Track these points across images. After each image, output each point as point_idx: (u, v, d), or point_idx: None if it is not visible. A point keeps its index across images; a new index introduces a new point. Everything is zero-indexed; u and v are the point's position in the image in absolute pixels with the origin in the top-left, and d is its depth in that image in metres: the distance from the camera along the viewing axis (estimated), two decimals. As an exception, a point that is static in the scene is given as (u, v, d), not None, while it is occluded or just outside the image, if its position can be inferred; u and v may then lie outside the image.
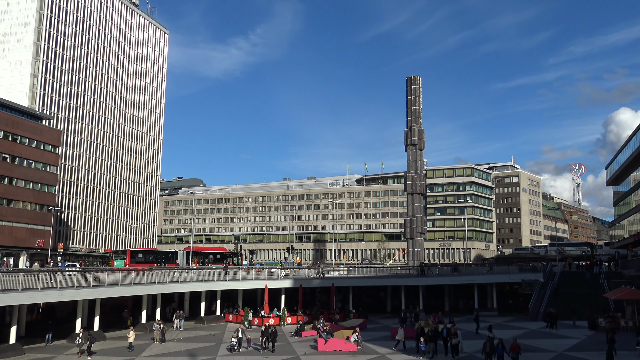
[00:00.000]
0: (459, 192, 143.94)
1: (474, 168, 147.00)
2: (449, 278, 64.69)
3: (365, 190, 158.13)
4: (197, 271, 56.57)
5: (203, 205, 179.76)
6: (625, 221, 77.25)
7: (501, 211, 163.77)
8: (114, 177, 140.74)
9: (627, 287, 47.50)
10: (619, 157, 75.80)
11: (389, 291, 68.13)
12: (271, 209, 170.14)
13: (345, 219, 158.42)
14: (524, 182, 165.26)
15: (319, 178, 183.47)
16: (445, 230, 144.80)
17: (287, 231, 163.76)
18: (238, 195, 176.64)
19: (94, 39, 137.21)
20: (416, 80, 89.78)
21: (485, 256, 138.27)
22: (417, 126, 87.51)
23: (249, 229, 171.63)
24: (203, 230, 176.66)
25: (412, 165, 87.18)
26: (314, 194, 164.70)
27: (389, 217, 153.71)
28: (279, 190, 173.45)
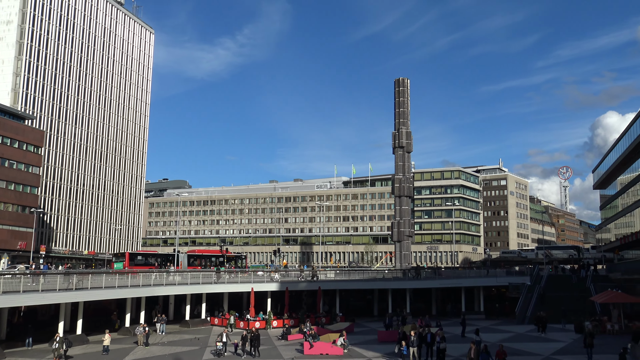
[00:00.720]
0: (447, 195, 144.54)
1: (462, 171, 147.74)
2: (436, 281, 64.90)
3: (353, 193, 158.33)
4: (182, 274, 56.31)
5: (188, 207, 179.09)
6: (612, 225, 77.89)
7: (489, 214, 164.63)
8: (98, 178, 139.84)
9: (613, 291, 47.96)
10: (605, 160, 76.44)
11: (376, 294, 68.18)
12: (257, 211, 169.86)
13: (332, 221, 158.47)
14: (512, 185, 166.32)
15: (306, 180, 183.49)
16: (432, 233, 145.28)
17: (273, 234, 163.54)
18: (224, 197, 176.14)
19: (79, 38, 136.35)
20: (404, 82, 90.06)
21: (473, 259, 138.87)
22: (405, 128, 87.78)
23: (235, 231, 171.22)
24: (188, 233, 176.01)
25: (399, 167, 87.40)
26: (301, 196, 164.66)
27: (376, 219, 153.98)
28: (265, 192, 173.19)
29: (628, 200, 65.55)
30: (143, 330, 41.59)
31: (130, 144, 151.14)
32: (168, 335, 46.68)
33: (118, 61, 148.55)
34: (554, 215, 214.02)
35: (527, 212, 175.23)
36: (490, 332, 45.20)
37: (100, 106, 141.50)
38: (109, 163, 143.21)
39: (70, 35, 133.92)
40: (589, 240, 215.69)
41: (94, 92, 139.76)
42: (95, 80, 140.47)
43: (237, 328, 51.09)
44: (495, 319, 58.74)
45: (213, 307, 58.77)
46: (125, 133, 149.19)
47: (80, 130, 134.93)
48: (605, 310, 49.03)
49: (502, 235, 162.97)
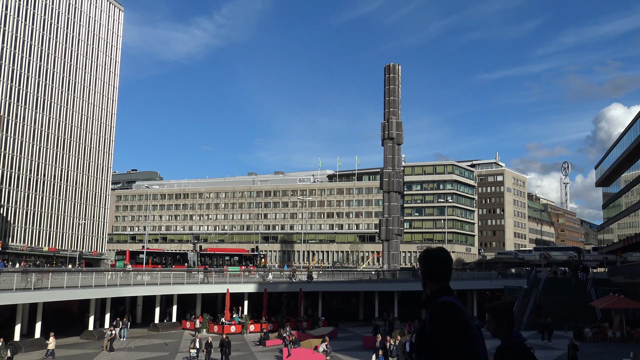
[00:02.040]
0: (439, 190, 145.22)
1: (456, 165, 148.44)
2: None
3: (338, 187, 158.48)
4: (151, 273, 56.13)
5: (159, 200, 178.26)
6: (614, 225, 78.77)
7: (484, 212, 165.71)
8: (61, 168, 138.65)
9: (615, 295, 48.49)
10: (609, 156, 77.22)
11: (362, 297, 68.46)
12: (234, 206, 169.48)
13: (315, 218, 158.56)
14: (509, 181, 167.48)
15: (288, 173, 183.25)
16: (423, 231, 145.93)
17: (251, 231, 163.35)
18: (198, 190, 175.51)
19: (40, 15, 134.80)
20: (395, 68, 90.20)
21: (466, 260, 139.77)
22: (396, 118, 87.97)
23: (210, 227, 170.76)
24: (159, 229, 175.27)
25: (389, 160, 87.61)
26: (282, 191, 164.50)
27: (363, 216, 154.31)
28: (243, 185, 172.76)
29: (632, 199, 66.34)
30: (110, 334, 41.41)
31: (96, 132, 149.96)
32: (135, 340, 46.49)
33: (83, 41, 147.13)
34: (554, 214, 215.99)
35: (525, 211, 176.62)
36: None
37: (64, 89, 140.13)
38: (72, 152, 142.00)
39: (30, 12, 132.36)
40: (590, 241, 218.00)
41: (57, 74, 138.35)
42: (58, 61, 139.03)
43: (211, 332, 51.05)
44: (490, 324, 59.19)
45: (185, 309, 58.66)
46: (90, 119, 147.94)
47: (40, 115, 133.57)
48: (606, 316, 49.61)
49: (498, 234, 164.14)
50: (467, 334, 3.80)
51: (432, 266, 4.19)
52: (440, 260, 4.20)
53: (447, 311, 3.87)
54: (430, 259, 4.20)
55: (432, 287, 4.14)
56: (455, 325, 3.80)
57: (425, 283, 4.19)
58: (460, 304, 3.95)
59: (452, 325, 3.80)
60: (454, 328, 3.79)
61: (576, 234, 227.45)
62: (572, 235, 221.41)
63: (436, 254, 4.22)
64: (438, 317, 3.87)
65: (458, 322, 3.81)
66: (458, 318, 3.83)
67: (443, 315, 3.86)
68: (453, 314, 3.85)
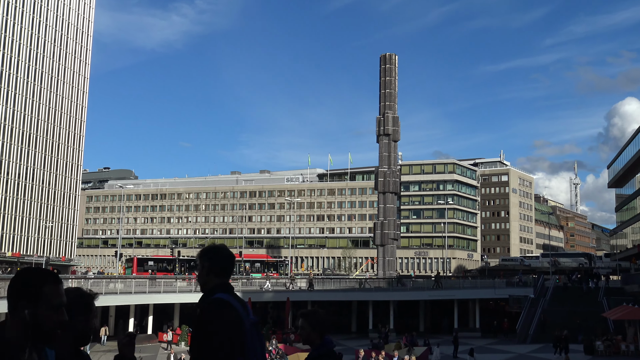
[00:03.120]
0: (439, 191, 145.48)
1: (457, 164, 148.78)
2: (425, 292, 65.46)
3: (329, 188, 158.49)
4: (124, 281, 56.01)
5: (134, 202, 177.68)
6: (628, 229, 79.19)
7: (487, 215, 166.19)
8: (26, 166, 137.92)
9: (629, 306, 48.67)
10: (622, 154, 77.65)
11: (355, 307, 68.50)
12: (216, 208, 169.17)
13: (304, 221, 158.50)
14: (514, 181, 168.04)
15: (274, 172, 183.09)
16: (421, 236, 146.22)
17: (235, 234, 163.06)
18: (176, 190, 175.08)
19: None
20: (391, 58, 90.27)
21: (468, 267, 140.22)
22: (392, 113, 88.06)
23: (189, 231, 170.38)
24: (133, 232, 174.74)
25: (384, 159, 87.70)
26: (268, 191, 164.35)
27: (356, 219, 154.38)
28: (225, 185, 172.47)
29: (648, 201, 66.72)
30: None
31: (65, 126, 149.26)
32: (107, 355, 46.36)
33: (51, 26, 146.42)
34: (563, 217, 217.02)
35: (532, 213, 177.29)
36: (487, 353, 45.72)
37: (29, 80, 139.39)
38: (39, 148, 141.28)
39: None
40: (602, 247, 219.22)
41: (22, 63, 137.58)
42: (24, 49, 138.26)
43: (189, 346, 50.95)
44: (493, 337, 59.40)
45: (162, 320, 58.53)
46: (59, 113, 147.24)
47: (2, 108, 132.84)
48: (619, 328, 49.84)
49: (503, 239, 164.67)
50: (233, 331, 4.07)
51: (221, 261, 4.44)
52: (230, 257, 4.51)
53: (218, 308, 4.14)
54: (223, 254, 4.47)
55: (214, 282, 4.38)
56: (223, 323, 4.06)
57: (208, 278, 4.39)
58: (235, 302, 4.23)
59: (220, 322, 4.07)
60: (222, 325, 4.06)
61: (587, 239, 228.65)
62: (583, 240, 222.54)
63: (226, 250, 4.54)
64: (207, 313, 4.15)
65: (225, 319, 4.08)
66: (227, 315, 4.10)
67: (212, 312, 4.13)
68: (222, 311, 4.11)
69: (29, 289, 2.87)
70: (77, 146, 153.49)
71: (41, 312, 2.85)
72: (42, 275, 2.94)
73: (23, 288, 2.87)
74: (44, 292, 2.87)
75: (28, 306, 2.84)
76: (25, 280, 2.91)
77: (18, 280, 2.92)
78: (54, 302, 2.88)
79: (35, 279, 2.91)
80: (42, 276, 2.93)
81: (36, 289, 2.87)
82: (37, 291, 2.86)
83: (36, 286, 2.87)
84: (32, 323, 2.85)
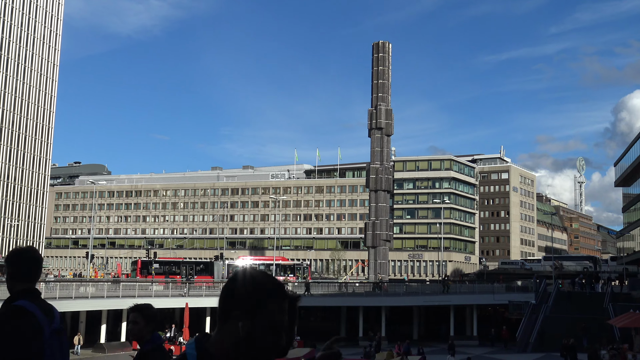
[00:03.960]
0: (435, 189, 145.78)
1: (454, 160, 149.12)
2: (419, 298, 65.62)
3: (317, 185, 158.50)
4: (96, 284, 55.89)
5: (106, 199, 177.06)
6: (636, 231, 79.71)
7: (486, 215, 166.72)
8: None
9: (636, 313, 48.95)
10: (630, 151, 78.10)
11: (344, 313, 68.59)
12: (195, 206, 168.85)
13: (290, 220, 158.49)
14: (515, 179, 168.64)
15: (258, 168, 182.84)
16: (416, 237, 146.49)
17: (215, 235, 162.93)
18: (152, 187, 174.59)
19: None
20: (385, 47, 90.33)
21: (465, 271, 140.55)
22: (385, 105, 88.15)
23: (167, 230, 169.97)
24: (106, 232, 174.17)
25: (376, 154, 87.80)
26: (252, 188, 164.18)
27: (345, 219, 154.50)
28: (206, 182, 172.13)
29: (657, 200, 67.19)
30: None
31: (33, 117, 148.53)
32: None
33: (18, 9, 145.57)
34: (567, 217, 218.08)
35: (534, 214, 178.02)
36: (484, 362, 45.85)
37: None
38: (3, 141, 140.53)
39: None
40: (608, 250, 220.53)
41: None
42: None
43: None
44: (491, 345, 59.64)
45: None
46: (26, 103, 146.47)
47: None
48: (626, 336, 50.12)
49: (502, 241, 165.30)
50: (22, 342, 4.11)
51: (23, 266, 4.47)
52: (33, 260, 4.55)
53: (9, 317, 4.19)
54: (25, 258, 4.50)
55: (17, 287, 4.42)
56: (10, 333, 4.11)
57: (11, 284, 4.44)
58: (37, 308, 4.28)
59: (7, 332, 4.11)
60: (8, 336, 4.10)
61: (592, 241, 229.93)
62: (588, 242, 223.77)
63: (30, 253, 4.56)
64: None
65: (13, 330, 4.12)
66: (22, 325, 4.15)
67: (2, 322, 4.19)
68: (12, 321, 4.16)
69: (250, 299, 2.51)
70: (46, 139, 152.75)
71: (259, 328, 2.50)
72: (269, 285, 2.57)
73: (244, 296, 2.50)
74: (267, 306, 2.53)
75: (244, 317, 2.49)
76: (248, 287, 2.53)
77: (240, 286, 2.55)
78: (275, 319, 2.53)
79: (260, 288, 2.54)
80: (269, 287, 2.56)
81: (259, 300, 2.52)
82: (260, 303, 2.52)
83: (259, 298, 2.52)
84: (246, 339, 2.50)
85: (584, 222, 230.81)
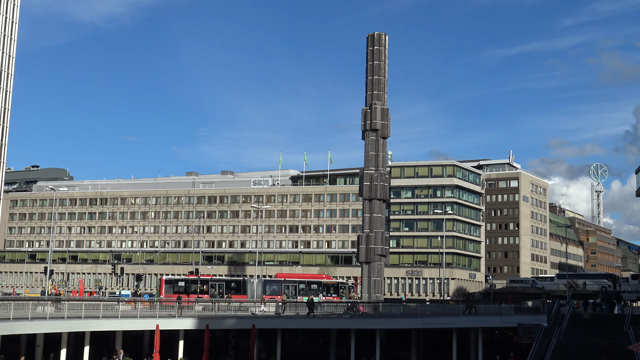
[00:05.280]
0: (436, 199, 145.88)
1: (458, 166, 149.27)
2: (418, 320, 65.51)
3: (305, 193, 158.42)
4: (55, 304, 55.54)
5: (68, 207, 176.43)
6: (660, 246, 79.93)
7: (493, 227, 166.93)
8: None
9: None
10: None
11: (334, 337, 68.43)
12: (168, 216, 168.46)
13: (274, 232, 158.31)
14: (526, 187, 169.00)
15: (239, 173, 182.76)
16: (414, 252, 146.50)
17: (190, 248, 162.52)
18: (120, 194, 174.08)
19: None
20: (381, 39, 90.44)
21: (470, 290, 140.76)
22: (381, 104, 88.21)
23: (135, 243, 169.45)
24: (67, 244, 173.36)
25: (371, 158, 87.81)
26: (231, 196, 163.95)
27: (336, 231, 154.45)
28: (180, 189, 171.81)
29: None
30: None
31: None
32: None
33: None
34: (583, 230, 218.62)
35: (546, 226, 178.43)
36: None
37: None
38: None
39: None
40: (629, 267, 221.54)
41: None
42: None
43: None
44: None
45: (102, 351, 58.19)
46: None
47: None
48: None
49: (511, 257, 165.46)
50: None
51: None
52: None
53: None
54: None
55: None
56: None
57: None
58: None
59: None
60: None
61: (611, 257, 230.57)
62: (606, 258, 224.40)
63: None
64: None
65: None
66: None
67: None
68: None
69: None
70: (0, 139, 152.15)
71: None
72: None
73: None
74: None
75: None
76: None
77: None
78: None
79: None
80: None
81: None
82: None
83: None
84: None
85: (602, 235, 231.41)
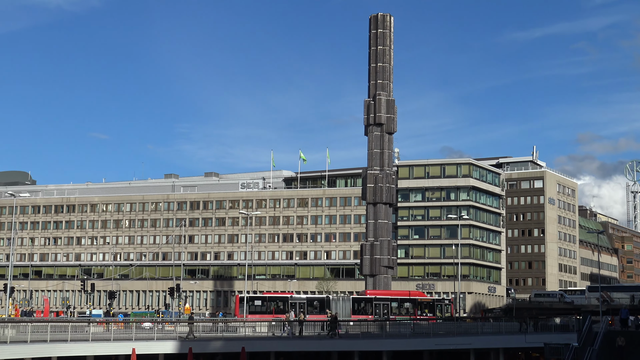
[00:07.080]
0: (450, 202, 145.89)
1: (474, 164, 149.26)
2: (429, 340, 65.55)
3: (300, 197, 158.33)
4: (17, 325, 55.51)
5: (30, 215, 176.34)
6: None
7: (515, 234, 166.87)
8: None
9: None
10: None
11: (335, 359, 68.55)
12: (144, 225, 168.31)
13: (266, 242, 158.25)
14: (552, 188, 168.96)
15: (225, 175, 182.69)
16: (426, 262, 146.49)
17: (169, 261, 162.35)
18: (89, 200, 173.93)
19: None
20: (385, 20, 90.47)
21: (489, 305, 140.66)
22: (386, 95, 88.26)
23: (108, 256, 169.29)
24: (30, 258, 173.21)
25: (375, 157, 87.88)
26: (216, 201, 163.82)
27: (336, 240, 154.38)
28: (158, 193, 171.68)
29: None
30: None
31: None
32: None
33: None
34: (617, 237, 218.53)
35: (576, 232, 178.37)
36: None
37: None
38: None
39: None
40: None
41: None
42: None
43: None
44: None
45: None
46: None
47: None
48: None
49: (536, 267, 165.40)
50: None
51: None
52: None
53: None
54: None
55: None
56: None
57: None
58: None
59: None
60: None
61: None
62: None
63: None
64: None
65: None
66: None
67: None
68: None
69: None
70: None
71: None
72: None
73: None
74: None
75: None
76: None
77: None
78: None
79: None
80: None
81: None
82: None
83: None
84: None
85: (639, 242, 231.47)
